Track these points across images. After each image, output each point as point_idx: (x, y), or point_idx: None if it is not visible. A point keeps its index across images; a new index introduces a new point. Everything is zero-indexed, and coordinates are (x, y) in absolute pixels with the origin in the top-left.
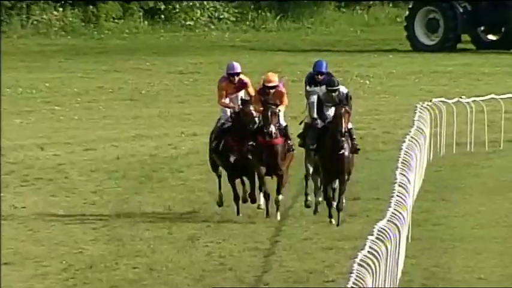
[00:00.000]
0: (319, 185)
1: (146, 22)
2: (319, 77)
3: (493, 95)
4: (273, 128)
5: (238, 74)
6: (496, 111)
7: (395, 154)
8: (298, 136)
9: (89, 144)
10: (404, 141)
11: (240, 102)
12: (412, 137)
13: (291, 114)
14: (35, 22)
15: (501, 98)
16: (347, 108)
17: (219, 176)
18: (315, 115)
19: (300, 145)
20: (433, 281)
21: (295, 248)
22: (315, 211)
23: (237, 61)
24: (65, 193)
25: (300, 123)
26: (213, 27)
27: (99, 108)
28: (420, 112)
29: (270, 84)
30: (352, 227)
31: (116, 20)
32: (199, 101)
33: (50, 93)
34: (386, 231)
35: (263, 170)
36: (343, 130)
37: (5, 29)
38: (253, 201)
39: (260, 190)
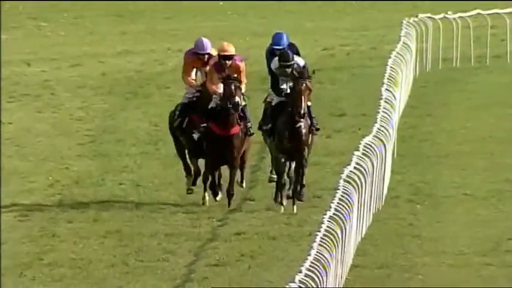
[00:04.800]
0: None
1: None
2: (279, 52)
3: (479, 11)
4: (238, 99)
5: (207, 54)
6: (482, 27)
7: (382, 70)
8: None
9: (75, 61)
10: (390, 57)
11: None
12: (398, 53)
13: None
14: None
15: (487, 14)
16: (308, 83)
17: (194, 173)
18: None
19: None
20: (419, 197)
21: None
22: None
23: None
24: (51, 109)
25: (264, 101)
26: None
27: (85, 24)
28: (406, 28)
29: (225, 53)
30: (338, 143)
31: None
32: (186, 17)
33: (36, 8)
34: (372, 147)
35: (212, 166)
36: (302, 111)
37: None
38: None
39: (204, 183)
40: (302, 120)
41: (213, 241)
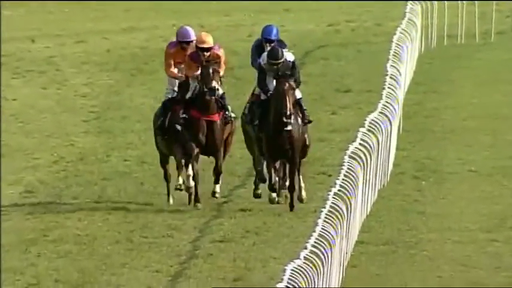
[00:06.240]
0: (264, 169)
1: None
2: (268, 45)
3: None
4: (215, 84)
5: (191, 42)
6: (487, 3)
7: (387, 46)
8: (244, 114)
9: (79, 37)
10: (395, 34)
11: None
12: (403, 29)
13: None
14: None
15: None
16: (291, 82)
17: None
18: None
19: (246, 122)
20: (425, 173)
21: None
22: (271, 201)
23: None
24: (56, 85)
25: (252, 95)
26: None
27: (89, 1)
28: (411, 4)
29: (204, 46)
30: (343, 119)
31: None
32: None
33: None
34: (378, 124)
35: (195, 150)
36: (288, 112)
37: None
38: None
39: (186, 169)
40: (290, 121)
41: (218, 217)
